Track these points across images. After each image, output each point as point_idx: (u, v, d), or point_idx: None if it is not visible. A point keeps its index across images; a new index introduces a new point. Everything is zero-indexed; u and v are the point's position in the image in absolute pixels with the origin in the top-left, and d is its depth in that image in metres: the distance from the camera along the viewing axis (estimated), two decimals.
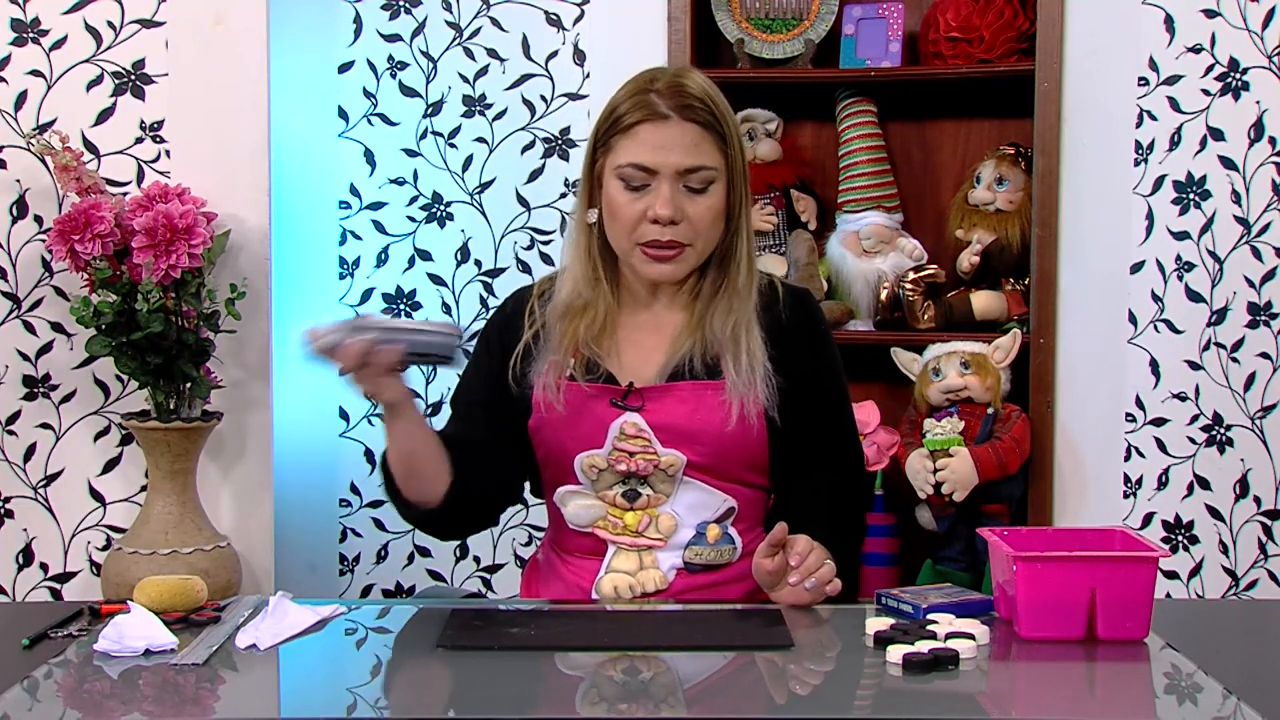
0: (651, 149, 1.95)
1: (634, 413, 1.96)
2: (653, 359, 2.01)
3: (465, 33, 3.11)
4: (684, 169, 1.95)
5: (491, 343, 2.09)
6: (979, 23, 3.01)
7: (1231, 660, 1.66)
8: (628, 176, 1.96)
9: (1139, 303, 2.99)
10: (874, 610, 1.81)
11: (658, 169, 1.94)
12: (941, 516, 2.93)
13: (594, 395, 1.98)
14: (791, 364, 2.00)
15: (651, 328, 2.04)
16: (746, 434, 1.95)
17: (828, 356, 2.07)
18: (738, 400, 1.95)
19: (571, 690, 1.58)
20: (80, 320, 2.57)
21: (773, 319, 2.02)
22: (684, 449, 1.96)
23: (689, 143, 1.95)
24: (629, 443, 1.96)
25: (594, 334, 2.01)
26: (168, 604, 1.79)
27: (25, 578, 2.79)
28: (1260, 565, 2.95)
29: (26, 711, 1.49)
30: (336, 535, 3.18)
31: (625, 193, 1.96)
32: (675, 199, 1.94)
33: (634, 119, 1.96)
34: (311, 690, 1.64)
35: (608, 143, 1.99)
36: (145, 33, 2.75)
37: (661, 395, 1.97)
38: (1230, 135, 2.92)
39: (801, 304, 2.08)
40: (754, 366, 1.96)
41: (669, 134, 1.95)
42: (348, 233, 3.15)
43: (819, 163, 3.24)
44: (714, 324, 1.99)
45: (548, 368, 2.00)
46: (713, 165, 1.96)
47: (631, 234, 1.97)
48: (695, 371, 1.97)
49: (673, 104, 1.95)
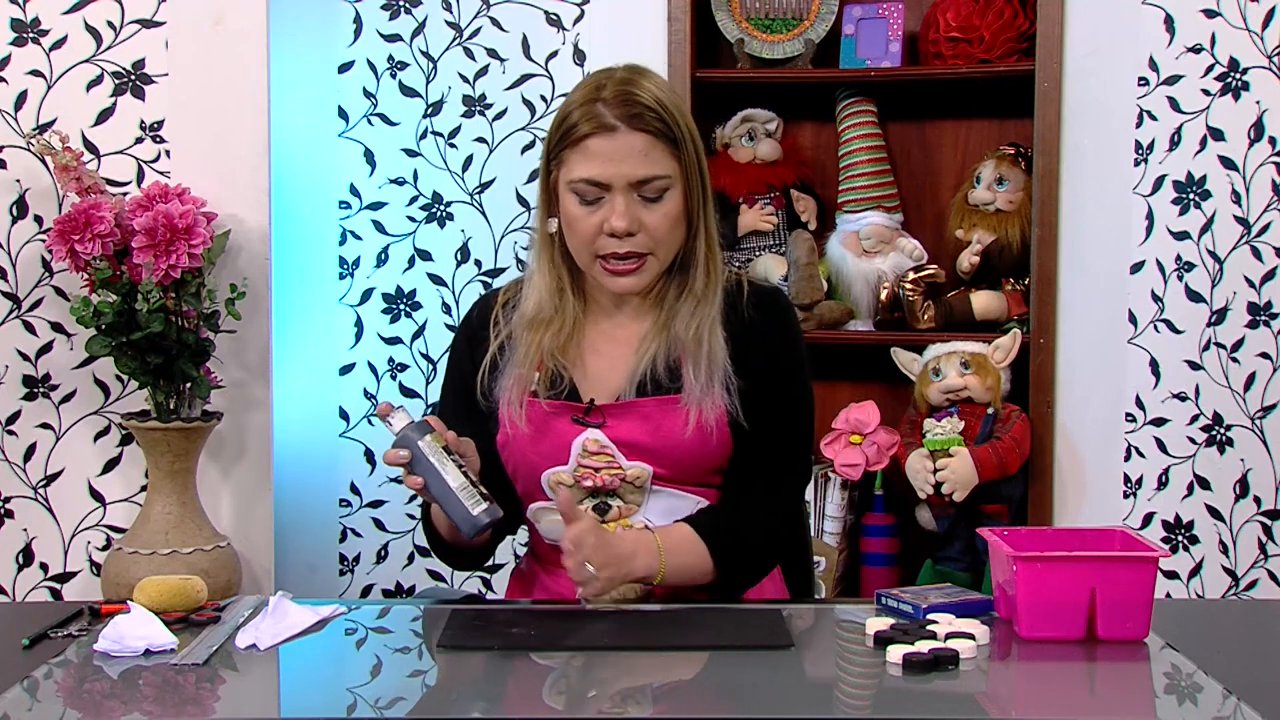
0: (602, 162, 1.91)
1: (595, 429, 1.95)
2: (617, 369, 1.99)
3: (465, 33, 3.12)
4: (636, 180, 1.91)
5: (463, 361, 2.06)
6: (979, 23, 3.01)
7: (1231, 660, 1.66)
8: (581, 192, 1.92)
9: (1139, 303, 2.99)
10: (874, 610, 1.81)
11: (610, 182, 1.91)
12: (941, 516, 2.94)
13: (555, 412, 1.96)
14: (750, 360, 1.97)
15: (618, 337, 2.02)
16: (706, 442, 1.93)
17: (788, 355, 2.01)
18: (695, 407, 1.92)
19: (571, 690, 1.58)
20: (80, 320, 2.57)
21: (736, 317, 1.99)
22: (648, 461, 1.94)
23: (639, 152, 1.91)
24: (593, 459, 1.95)
25: (559, 344, 1.99)
26: (168, 604, 1.79)
27: (25, 578, 2.79)
28: (1260, 565, 2.95)
29: (26, 711, 1.49)
30: (336, 535, 3.18)
31: (580, 207, 1.93)
32: (630, 210, 1.91)
33: (583, 131, 1.92)
34: (311, 690, 1.64)
35: (559, 155, 1.95)
36: (145, 33, 2.75)
37: (623, 412, 1.95)
38: (1230, 135, 2.92)
39: (767, 302, 2.03)
40: (713, 370, 1.93)
41: (618, 145, 1.91)
42: (348, 233, 3.15)
43: (819, 163, 3.24)
44: (677, 326, 1.96)
45: (512, 383, 1.98)
46: (666, 173, 1.92)
47: (590, 247, 1.94)
48: (659, 380, 1.95)
49: (620, 114, 1.91)
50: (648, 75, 1.97)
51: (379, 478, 3.17)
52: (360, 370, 3.16)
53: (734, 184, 3.15)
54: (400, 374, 3.16)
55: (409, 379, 3.16)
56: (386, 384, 3.15)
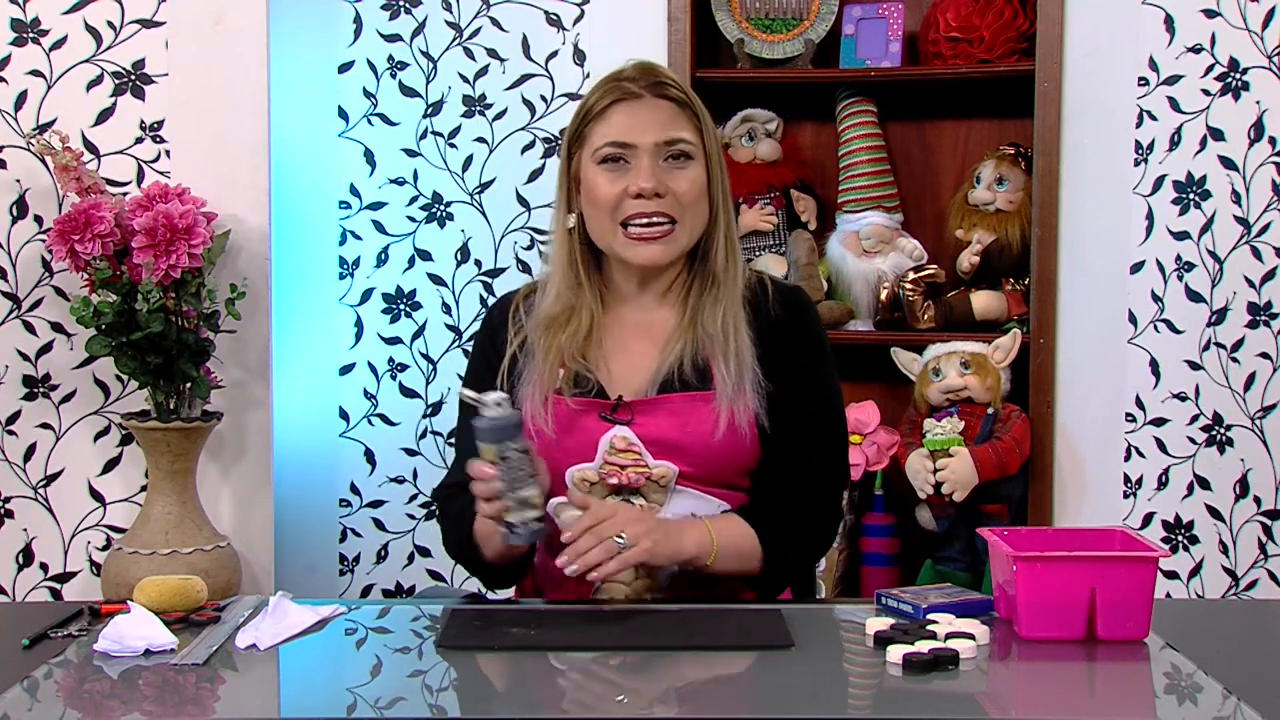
0: (627, 127, 1.94)
1: (624, 426, 1.94)
2: (642, 366, 1.98)
3: (465, 33, 3.11)
4: (662, 141, 1.94)
5: (490, 357, 2.04)
6: (979, 23, 3.01)
7: (1231, 660, 1.66)
8: (607, 155, 1.95)
9: (1139, 303, 2.99)
10: (874, 610, 1.81)
11: (636, 143, 1.94)
12: (941, 516, 2.94)
13: (583, 410, 1.96)
14: (780, 361, 1.97)
15: (640, 332, 2.01)
16: (737, 443, 1.93)
17: (818, 354, 2.02)
18: (727, 409, 1.92)
19: (571, 690, 1.58)
20: (80, 320, 2.57)
21: (762, 317, 1.99)
22: (675, 460, 1.94)
23: (665, 118, 1.95)
24: (620, 456, 1.94)
25: (580, 344, 1.98)
26: (168, 604, 1.79)
27: (25, 578, 2.79)
28: (1260, 565, 2.95)
29: (26, 711, 1.49)
30: (336, 535, 3.18)
31: (605, 174, 1.95)
32: (656, 173, 1.93)
33: (606, 102, 1.96)
34: (311, 690, 1.64)
35: (581, 134, 1.98)
36: (145, 33, 2.75)
37: (652, 408, 1.95)
38: (1230, 135, 2.92)
39: (792, 301, 2.04)
40: (742, 370, 1.93)
41: (643, 111, 1.95)
42: (348, 233, 3.15)
43: (819, 163, 3.24)
44: (704, 320, 1.96)
45: (534, 385, 1.97)
46: (691, 139, 1.96)
47: (614, 214, 1.94)
48: (686, 378, 1.95)
49: (644, 84, 1.96)
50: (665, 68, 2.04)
51: (379, 478, 3.17)
52: (360, 370, 3.16)
53: (734, 184, 3.08)
54: (400, 374, 3.16)
55: (409, 379, 3.16)
56: (386, 384, 3.15)
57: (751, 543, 1.92)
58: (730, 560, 1.90)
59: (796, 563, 2.02)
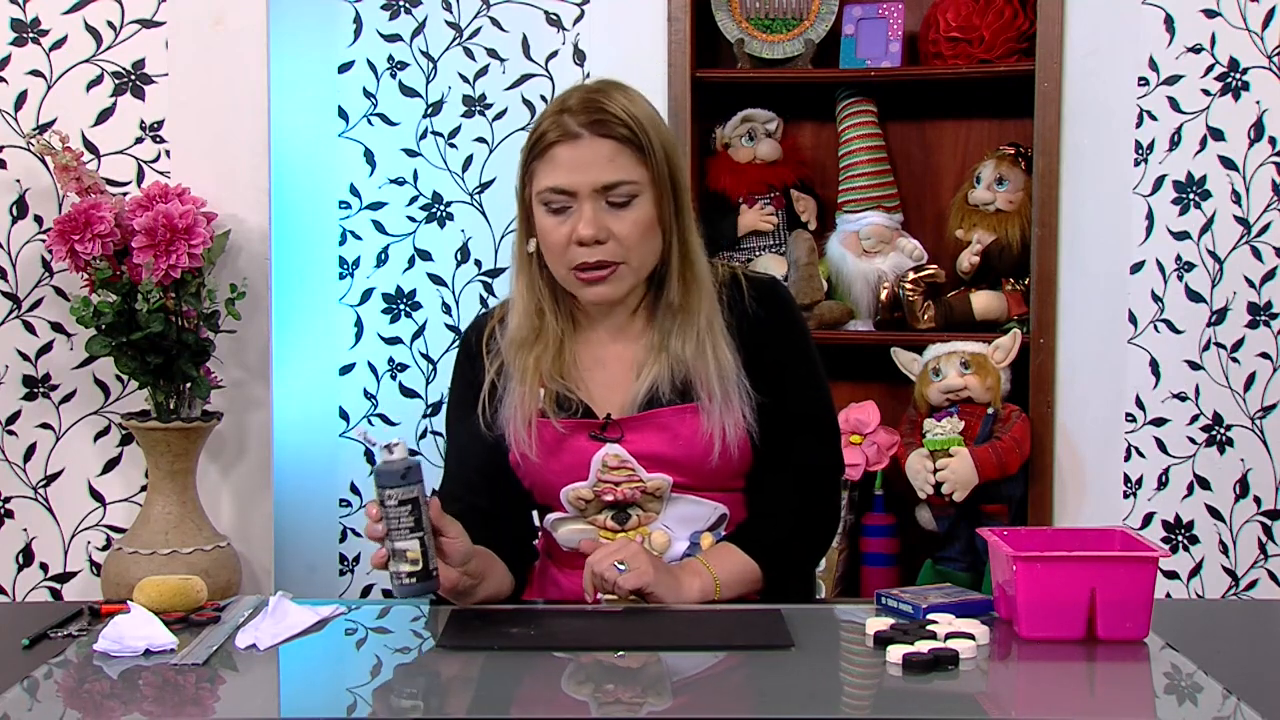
0: (567, 170, 1.90)
1: (614, 444, 1.94)
2: (621, 384, 1.97)
3: (465, 33, 3.11)
4: (601, 186, 1.89)
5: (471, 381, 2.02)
6: (979, 23, 3.01)
7: (1231, 660, 1.66)
8: (549, 201, 1.91)
9: (1139, 303, 2.99)
10: (874, 610, 1.80)
11: (575, 189, 1.90)
12: (941, 516, 2.94)
13: (571, 431, 1.95)
14: (764, 361, 1.96)
15: (613, 356, 2.00)
16: (729, 455, 1.93)
17: (800, 350, 2.01)
18: (719, 428, 1.91)
19: (571, 690, 1.58)
20: (80, 320, 2.57)
21: (739, 317, 1.97)
22: (668, 471, 1.94)
23: (604, 158, 1.89)
24: (614, 474, 1.94)
25: (554, 366, 1.96)
26: (168, 604, 1.79)
27: (25, 578, 2.79)
28: (1260, 565, 2.95)
29: (26, 711, 1.49)
30: (336, 535, 3.18)
31: (550, 217, 1.92)
32: (598, 217, 1.89)
33: (548, 141, 1.91)
34: (311, 690, 1.64)
35: (529, 169, 1.95)
36: (145, 33, 2.75)
37: (640, 424, 1.94)
38: (1230, 135, 2.92)
39: (769, 296, 2.01)
40: (728, 387, 1.92)
41: (582, 152, 1.89)
42: (348, 233, 3.15)
43: (819, 163, 3.24)
44: (673, 346, 1.94)
45: (515, 408, 1.95)
46: (632, 179, 1.90)
47: (563, 259, 1.92)
48: (669, 398, 1.94)
49: (584, 120, 1.90)
50: (620, 87, 1.96)
51: None
52: (360, 370, 3.16)
53: (734, 184, 3.15)
54: (400, 374, 3.16)
55: (409, 379, 3.16)
56: (386, 384, 3.15)
57: (751, 569, 1.93)
58: (733, 591, 1.92)
59: (797, 563, 2.02)
